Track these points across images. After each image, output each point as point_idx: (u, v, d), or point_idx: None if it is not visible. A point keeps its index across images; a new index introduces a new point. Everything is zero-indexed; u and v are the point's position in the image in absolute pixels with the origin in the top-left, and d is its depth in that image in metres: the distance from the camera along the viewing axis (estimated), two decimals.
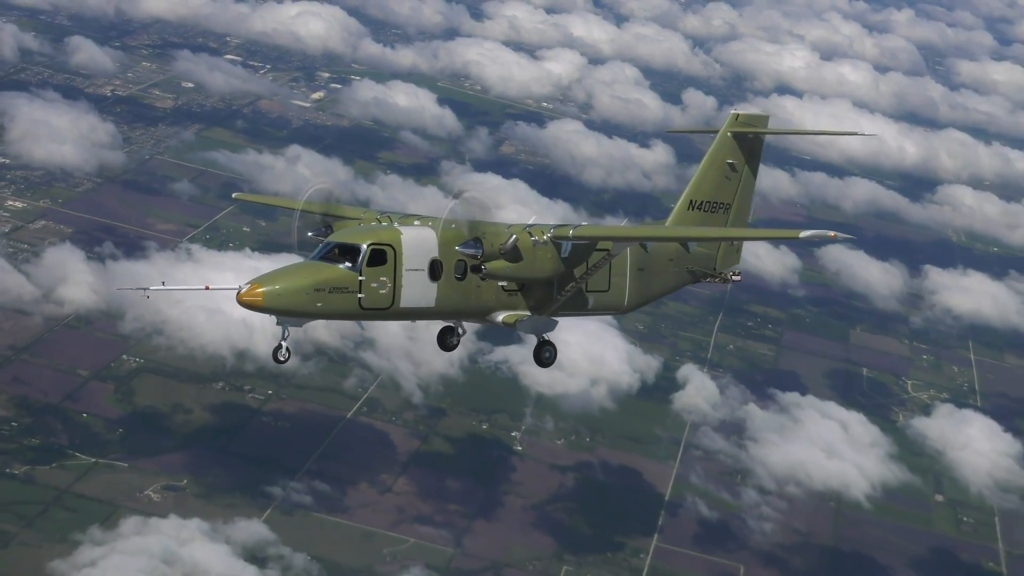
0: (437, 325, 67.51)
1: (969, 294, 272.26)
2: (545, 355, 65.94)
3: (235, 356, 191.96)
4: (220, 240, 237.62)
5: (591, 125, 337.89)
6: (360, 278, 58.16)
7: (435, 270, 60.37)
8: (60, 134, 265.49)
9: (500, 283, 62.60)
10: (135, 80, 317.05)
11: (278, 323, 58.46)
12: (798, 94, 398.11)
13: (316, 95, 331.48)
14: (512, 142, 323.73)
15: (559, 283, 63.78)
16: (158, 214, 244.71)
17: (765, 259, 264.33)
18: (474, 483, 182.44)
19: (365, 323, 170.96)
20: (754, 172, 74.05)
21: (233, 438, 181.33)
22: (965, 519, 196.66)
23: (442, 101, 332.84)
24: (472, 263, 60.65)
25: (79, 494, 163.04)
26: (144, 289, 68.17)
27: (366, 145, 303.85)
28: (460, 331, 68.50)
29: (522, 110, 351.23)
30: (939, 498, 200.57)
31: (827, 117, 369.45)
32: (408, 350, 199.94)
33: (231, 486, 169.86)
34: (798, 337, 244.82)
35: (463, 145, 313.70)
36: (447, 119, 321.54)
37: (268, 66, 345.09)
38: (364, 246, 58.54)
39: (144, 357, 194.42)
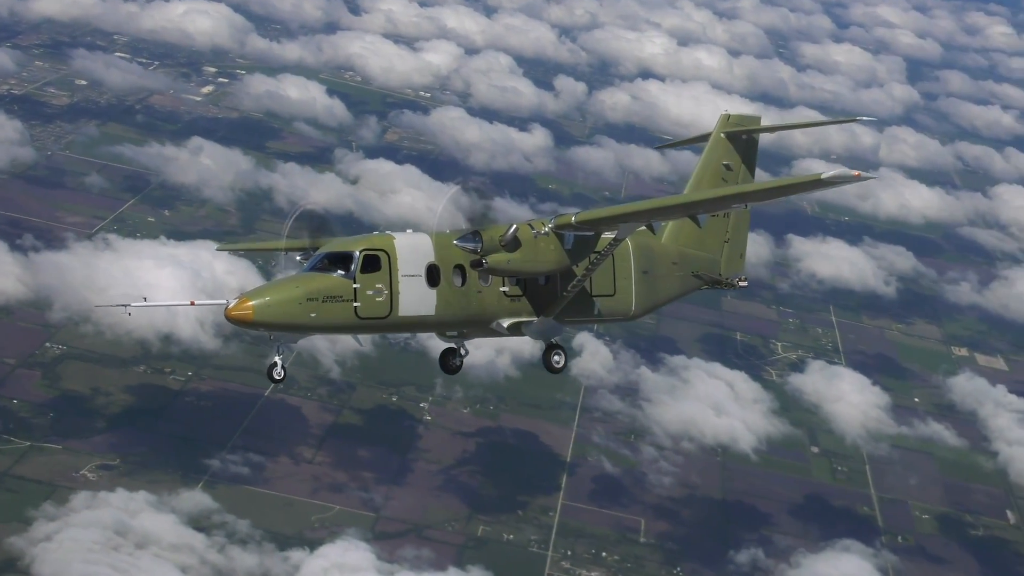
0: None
1: (829, 260, 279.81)
2: (555, 359, 61.55)
3: (160, 340, 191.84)
4: (128, 231, 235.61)
5: (472, 112, 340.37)
6: (355, 286, 54.30)
7: (433, 276, 56.50)
8: None
9: (502, 288, 58.42)
10: (30, 79, 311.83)
11: (271, 339, 54.37)
12: (660, 78, 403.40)
13: (206, 89, 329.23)
14: (400, 130, 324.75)
15: (563, 280, 59.66)
16: (67, 207, 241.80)
17: None
18: (389, 452, 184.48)
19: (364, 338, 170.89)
20: (751, 171, 69.84)
21: (158, 418, 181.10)
22: (839, 468, 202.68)
23: (331, 92, 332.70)
24: (471, 258, 56.47)
25: (19, 476, 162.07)
26: (125, 306, 65.70)
27: (261, 136, 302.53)
28: (463, 351, 63.87)
29: (406, 99, 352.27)
30: (815, 449, 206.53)
31: (688, 100, 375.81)
32: None
33: (161, 463, 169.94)
34: (674, 304, 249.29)
35: (353, 134, 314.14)
36: (337, 109, 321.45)
37: (156, 63, 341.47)
38: (356, 252, 54.87)
39: (67, 344, 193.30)
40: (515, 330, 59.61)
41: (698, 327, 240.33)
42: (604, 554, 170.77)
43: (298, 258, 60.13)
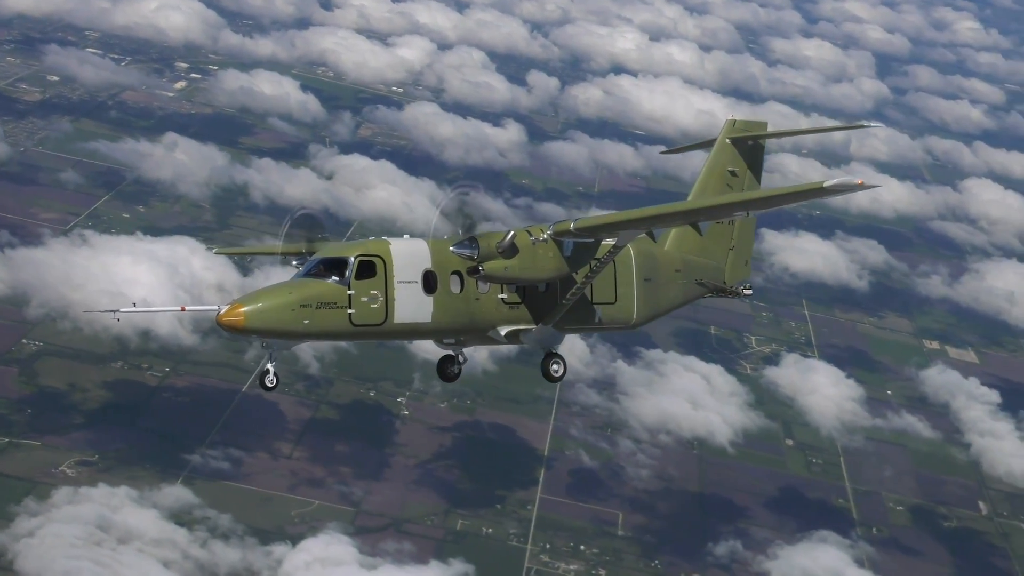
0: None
1: (802, 254, 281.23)
2: (554, 369, 59.58)
3: (139, 336, 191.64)
4: (103, 227, 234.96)
5: (446, 107, 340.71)
6: (349, 292, 52.97)
7: (429, 282, 54.93)
8: None
9: (500, 295, 56.86)
10: (1, 75, 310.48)
11: (264, 346, 53.13)
12: (633, 73, 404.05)
13: (179, 85, 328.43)
14: (373, 125, 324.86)
15: (563, 287, 58.11)
16: (41, 204, 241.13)
17: None
18: (367, 447, 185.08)
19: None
20: (757, 178, 67.84)
21: (137, 414, 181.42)
22: (814, 460, 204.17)
23: (304, 88, 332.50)
24: (468, 265, 54.86)
25: None
26: (114, 311, 62.39)
27: (235, 132, 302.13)
28: (461, 359, 62.23)
29: (379, 95, 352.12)
30: (789, 442, 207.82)
31: (661, 95, 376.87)
32: None
33: (140, 459, 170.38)
34: None
35: (327, 129, 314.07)
36: (311, 104, 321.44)
37: (129, 59, 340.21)
38: (351, 258, 53.34)
39: (45, 340, 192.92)
40: (513, 338, 58.27)
41: (672, 321, 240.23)
42: (583, 547, 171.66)
43: (294, 263, 58.92)
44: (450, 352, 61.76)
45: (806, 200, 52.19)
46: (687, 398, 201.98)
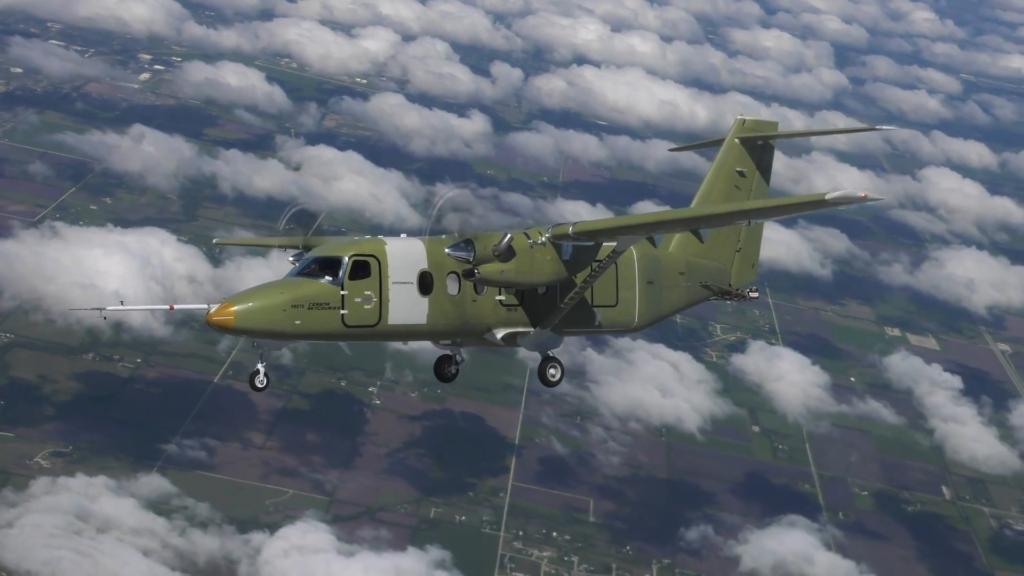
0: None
1: (765, 243, 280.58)
2: (551, 373, 57.84)
3: (111, 328, 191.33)
4: (71, 218, 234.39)
5: (411, 98, 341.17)
6: (342, 293, 51.67)
7: (425, 283, 53.53)
8: None
9: (498, 297, 55.27)
10: None
11: (255, 346, 51.81)
12: (596, 64, 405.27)
13: (143, 76, 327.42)
14: (339, 116, 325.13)
15: (562, 290, 56.40)
16: (9, 196, 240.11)
17: (584, 217, 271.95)
18: (339, 436, 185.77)
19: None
20: (766, 179, 65.97)
21: (109, 405, 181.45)
22: (780, 447, 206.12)
23: (270, 79, 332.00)
24: (464, 268, 53.48)
25: None
26: (100, 309, 61.86)
27: (201, 123, 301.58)
28: (458, 358, 60.92)
29: (343, 86, 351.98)
30: (756, 428, 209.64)
31: (624, 85, 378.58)
32: None
33: (114, 450, 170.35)
34: None
35: (293, 121, 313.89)
36: (277, 96, 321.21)
37: (92, 50, 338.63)
38: (346, 258, 52.02)
39: (16, 332, 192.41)
40: (510, 341, 56.43)
41: None
42: (555, 534, 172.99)
43: (290, 259, 56.72)
44: (448, 352, 60.38)
45: (808, 211, 51.51)
46: (656, 386, 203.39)
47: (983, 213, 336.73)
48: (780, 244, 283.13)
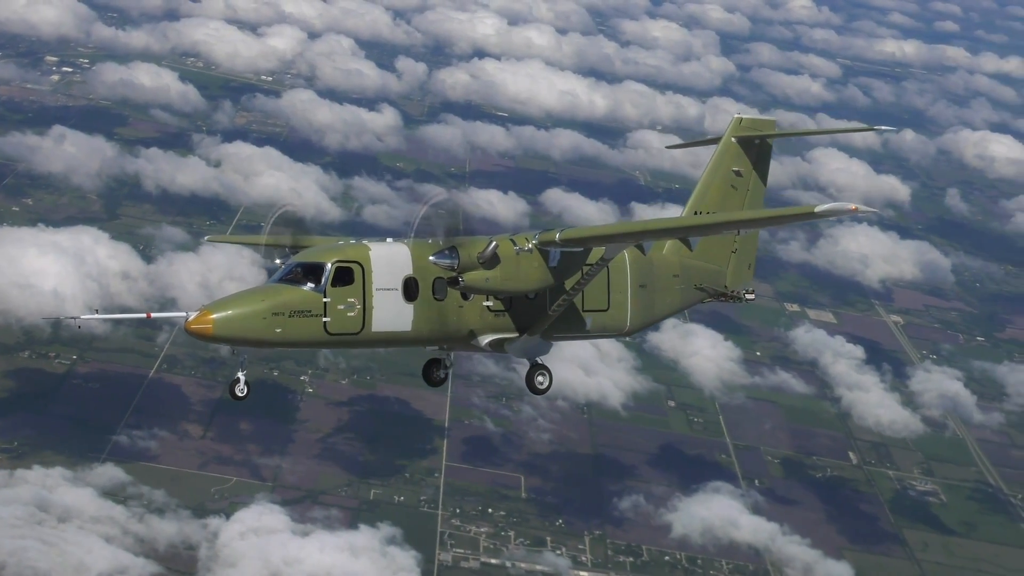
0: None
1: None
2: (539, 380, 56.00)
3: (50, 325, 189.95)
4: None
5: (321, 94, 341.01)
6: (325, 300, 49.42)
7: (410, 289, 51.33)
8: None
9: (485, 303, 53.18)
10: None
11: (234, 353, 50.10)
12: (496, 57, 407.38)
13: (54, 77, 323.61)
14: (252, 113, 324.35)
15: (552, 295, 54.09)
16: None
17: (497, 205, 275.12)
18: (276, 424, 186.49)
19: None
20: (763, 178, 63.36)
21: (48, 401, 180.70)
22: (695, 420, 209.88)
23: (183, 78, 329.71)
24: (448, 275, 51.23)
25: None
26: (75, 318, 60.22)
27: (115, 123, 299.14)
28: (447, 362, 59.10)
29: (249, 83, 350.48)
30: (671, 403, 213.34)
31: (524, 77, 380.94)
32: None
33: (56, 445, 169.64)
34: None
35: (208, 119, 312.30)
36: (191, 94, 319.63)
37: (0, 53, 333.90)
38: (328, 264, 49.89)
39: None
40: (497, 347, 54.31)
41: None
42: (490, 510, 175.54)
43: (277, 260, 53.71)
44: (436, 356, 58.59)
45: (796, 223, 50.28)
46: (579, 365, 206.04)
47: (870, 191, 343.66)
48: None
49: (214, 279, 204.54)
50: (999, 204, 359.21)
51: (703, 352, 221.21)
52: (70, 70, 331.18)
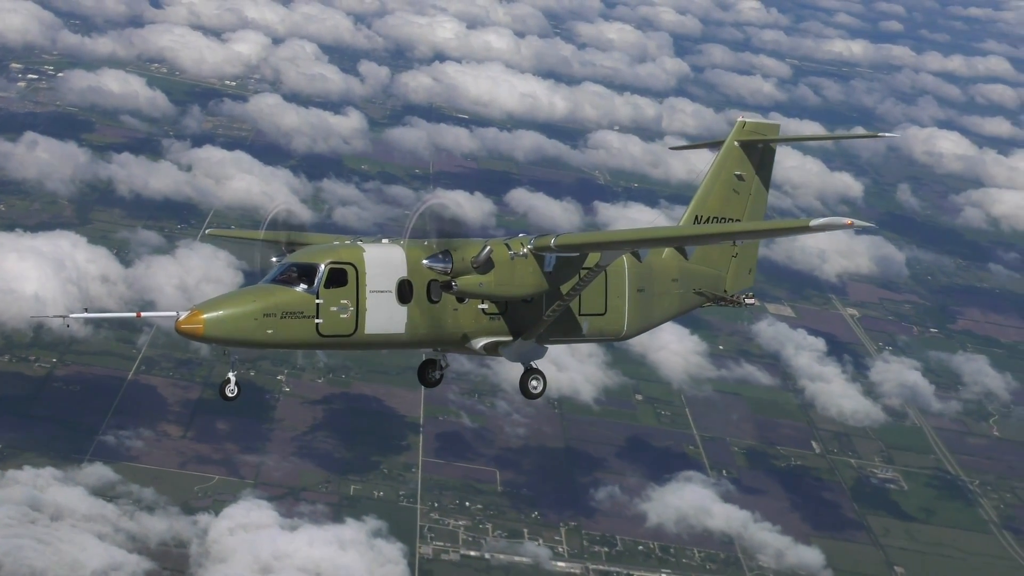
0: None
1: (632, 224, 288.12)
2: (532, 385, 54.55)
3: (32, 329, 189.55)
4: None
5: (287, 98, 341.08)
6: (317, 301, 48.17)
7: (404, 292, 50.03)
8: None
9: (480, 306, 51.71)
10: None
11: (224, 354, 49.17)
12: (457, 60, 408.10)
13: (20, 84, 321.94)
14: (219, 118, 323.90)
15: (547, 299, 52.51)
16: None
17: (463, 206, 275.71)
18: (254, 423, 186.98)
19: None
20: (765, 184, 62.07)
21: (30, 404, 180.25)
22: (663, 412, 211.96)
23: (151, 84, 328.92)
24: (442, 279, 50.04)
25: None
26: (64, 316, 58.04)
27: (85, 128, 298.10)
28: (443, 363, 57.41)
29: (213, 88, 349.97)
30: (639, 397, 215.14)
31: (485, 80, 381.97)
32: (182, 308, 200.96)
33: (39, 447, 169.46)
34: None
35: (178, 124, 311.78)
36: (159, 100, 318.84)
37: None
38: (322, 265, 48.66)
39: None
40: (491, 350, 52.99)
41: None
42: (468, 504, 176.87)
43: (274, 259, 52.58)
44: (432, 357, 57.05)
45: (790, 235, 50.14)
46: (551, 361, 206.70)
47: (824, 188, 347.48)
48: (644, 223, 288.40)
49: (191, 281, 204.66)
50: (948, 199, 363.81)
51: (670, 347, 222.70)
52: (36, 77, 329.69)
